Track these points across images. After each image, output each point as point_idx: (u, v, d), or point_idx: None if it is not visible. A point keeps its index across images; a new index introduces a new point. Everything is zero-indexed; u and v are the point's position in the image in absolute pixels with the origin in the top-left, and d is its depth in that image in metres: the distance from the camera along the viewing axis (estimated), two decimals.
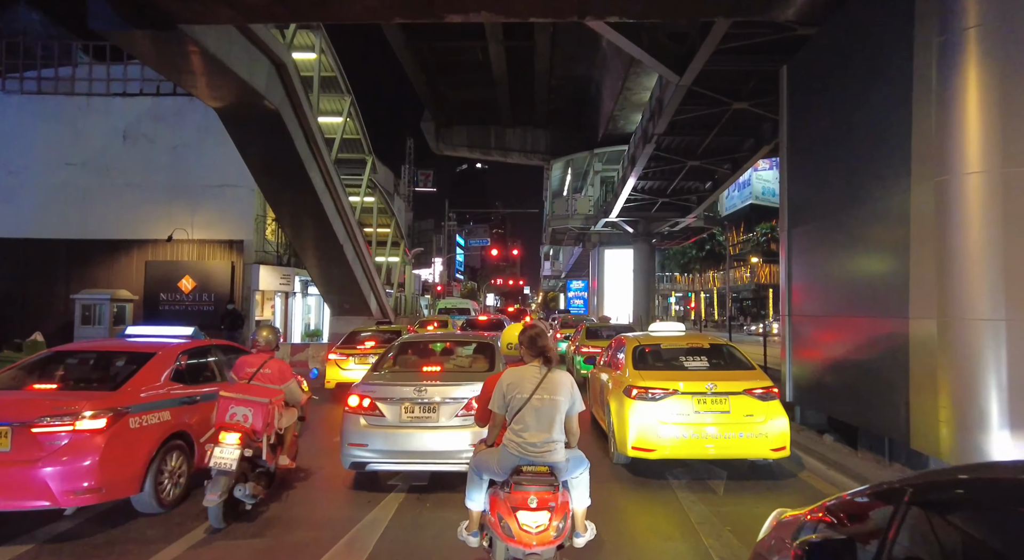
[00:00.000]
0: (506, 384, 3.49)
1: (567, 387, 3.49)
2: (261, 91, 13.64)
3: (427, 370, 6.30)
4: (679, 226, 29.54)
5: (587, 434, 8.32)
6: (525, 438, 3.38)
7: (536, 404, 3.40)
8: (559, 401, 3.43)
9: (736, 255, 64.51)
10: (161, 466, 5.11)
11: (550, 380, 3.46)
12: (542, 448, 3.38)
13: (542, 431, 3.39)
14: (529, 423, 3.39)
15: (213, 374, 6.25)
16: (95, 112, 21.72)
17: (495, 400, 3.53)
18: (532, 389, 3.41)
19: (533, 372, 3.48)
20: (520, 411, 3.41)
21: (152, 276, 21.12)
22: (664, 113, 16.41)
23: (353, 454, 5.45)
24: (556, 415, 3.42)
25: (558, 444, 3.44)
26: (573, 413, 3.54)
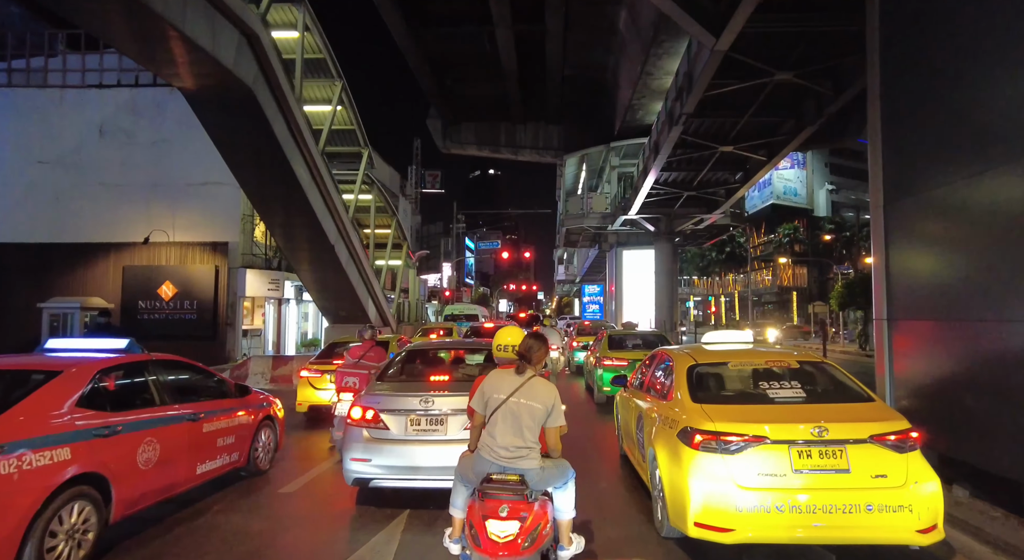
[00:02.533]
0: (488, 384, 3.49)
1: (548, 396, 3.43)
2: (228, 66, 11.78)
3: (434, 380, 5.91)
4: (704, 224, 27.31)
5: (616, 478, 6.28)
6: (497, 441, 3.35)
7: (512, 407, 3.37)
8: (536, 407, 3.38)
9: (757, 257, 62.11)
10: (52, 525, 3.75)
11: (532, 385, 3.42)
12: (513, 454, 3.33)
13: (515, 435, 3.34)
14: (502, 425, 3.36)
15: (152, 397, 4.78)
16: (69, 105, 20.11)
17: (476, 399, 3.50)
18: (511, 391, 3.39)
19: (515, 376, 3.46)
20: (495, 412, 3.38)
21: (130, 282, 19.39)
22: (694, 89, 14.31)
23: (356, 469, 5.09)
24: (531, 420, 3.37)
25: (531, 451, 3.36)
26: (550, 425, 3.45)
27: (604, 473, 6.68)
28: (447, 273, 45.70)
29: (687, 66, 15.38)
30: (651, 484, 5.09)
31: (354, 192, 20.14)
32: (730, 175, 22.21)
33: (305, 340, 25.21)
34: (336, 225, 17.43)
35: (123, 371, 4.66)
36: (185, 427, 4.89)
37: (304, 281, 19.64)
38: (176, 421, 4.79)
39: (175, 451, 4.74)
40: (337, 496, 5.76)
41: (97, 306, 18.37)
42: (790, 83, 14.06)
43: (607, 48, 25.32)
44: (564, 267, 65.82)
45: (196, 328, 19.31)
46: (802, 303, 61.26)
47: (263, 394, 6.69)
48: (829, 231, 54.66)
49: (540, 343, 3.56)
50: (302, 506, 5.55)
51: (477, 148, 33.86)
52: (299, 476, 6.38)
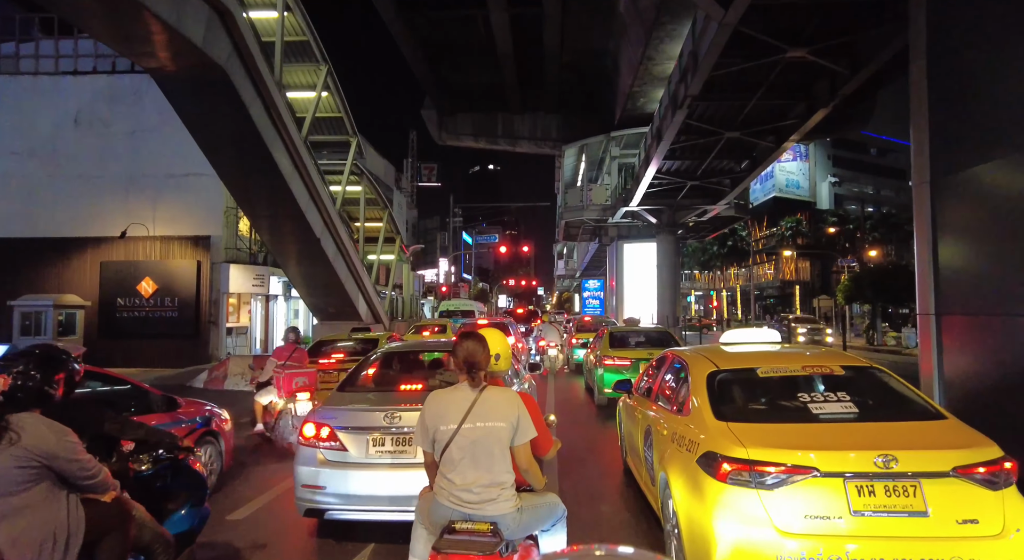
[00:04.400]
0: (428, 413, 2.65)
1: (509, 407, 2.62)
2: (197, 43, 10.86)
3: (405, 389, 5.01)
4: (707, 215, 26.38)
5: (619, 498, 5.43)
6: (456, 483, 2.55)
7: (468, 435, 2.56)
8: (497, 429, 2.57)
9: (759, 250, 61.25)
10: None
11: (484, 402, 2.59)
12: (480, 496, 2.54)
13: (478, 470, 2.55)
14: (458, 463, 2.56)
15: None
16: (43, 93, 19.18)
17: (419, 435, 2.69)
18: (461, 416, 2.57)
19: (462, 394, 2.63)
20: (447, 447, 2.58)
21: (108, 279, 18.51)
22: (700, 68, 13.39)
23: (308, 498, 4.28)
24: (495, 448, 2.57)
25: (503, 489, 2.57)
26: (518, 442, 2.61)
27: (605, 491, 5.81)
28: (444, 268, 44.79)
29: (692, 45, 14.45)
30: (663, 515, 4.22)
31: (342, 183, 19.23)
32: (736, 163, 21.30)
33: None
34: (322, 217, 16.54)
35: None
36: None
37: (290, 276, 18.78)
38: None
39: None
40: (293, 525, 4.90)
41: (71, 303, 17.51)
42: (803, 61, 13.14)
43: (607, 32, 24.37)
44: (564, 262, 64.91)
45: (178, 326, 18.45)
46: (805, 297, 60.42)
47: (205, 405, 5.79)
48: (832, 224, 53.78)
49: (476, 344, 2.68)
50: (247, 538, 4.68)
51: (474, 139, 32.92)
52: (249, 501, 5.50)
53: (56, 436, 2.36)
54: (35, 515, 2.30)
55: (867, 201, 65.03)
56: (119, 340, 17.93)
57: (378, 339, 11.06)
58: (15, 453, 2.26)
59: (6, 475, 2.25)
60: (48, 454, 2.32)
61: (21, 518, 2.27)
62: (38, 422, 2.36)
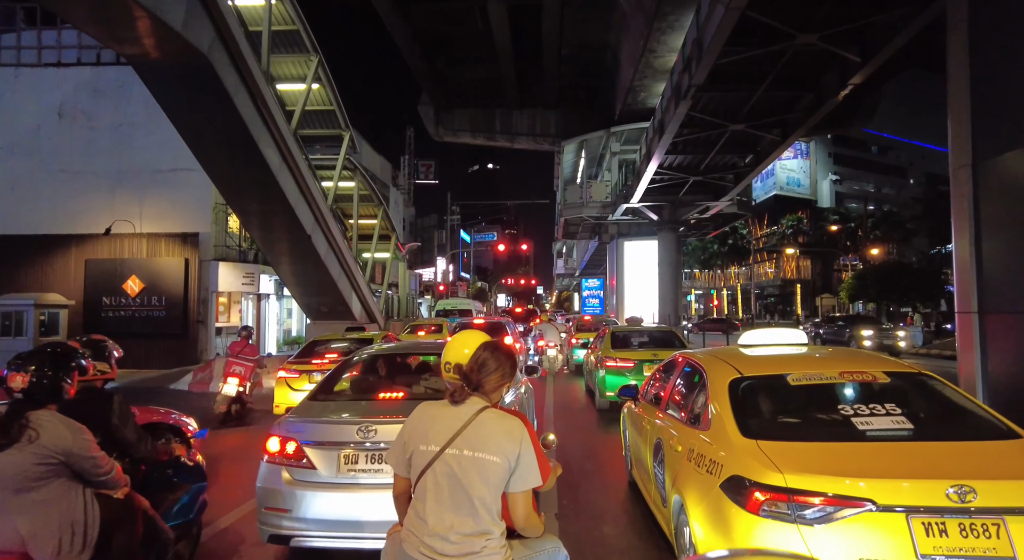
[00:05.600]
0: (409, 428, 2.13)
1: (510, 440, 2.01)
2: (177, 28, 10.28)
3: (384, 398, 4.38)
4: (709, 212, 25.84)
5: (624, 518, 4.91)
6: (429, 524, 1.98)
7: (450, 464, 1.99)
8: (488, 463, 1.98)
9: (759, 249, 60.79)
10: None
11: (479, 426, 2.02)
12: (459, 547, 1.95)
13: (458, 514, 1.97)
14: (434, 498, 2.00)
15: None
16: (24, 86, 18.61)
17: (393, 453, 2.16)
18: (448, 437, 2.01)
19: (453, 411, 2.07)
20: (423, 475, 2.03)
21: (93, 277, 17.95)
22: (705, 56, 12.85)
23: (272, 523, 3.72)
24: (483, 488, 1.97)
25: (488, 541, 1.97)
26: (515, 488, 2.02)
27: (608, 509, 5.26)
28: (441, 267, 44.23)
29: (696, 33, 13.89)
30: (676, 544, 3.67)
31: (334, 178, 18.67)
32: (739, 158, 20.78)
33: (288, 338, 23.81)
34: (313, 213, 15.98)
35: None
36: None
37: (281, 274, 18.23)
38: None
39: None
40: (257, 552, 4.33)
41: (54, 303, 16.95)
42: (811, 50, 12.61)
43: (606, 25, 23.83)
44: (563, 261, 64.36)
45: (165, 326, 17.90)
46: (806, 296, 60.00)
47: (169, 414, 5.22)
48: (834, 222, 53.33)
49: (497, 360, 2.15)
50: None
51: (471, 135, 32.37)
52: (209, 524, 4.90)
53: (72, 433, 2.48)
54: (54, 509, 2.43)
55: (868, 199, 64.62)
56: None
57: (373, 339, 10.60)
58: (35, 450, 2.38)
59: (26, 471, 2.37)
60: (65, 451, 2.44)
61: (41, 511, 2.41)
62: (55, 419, 2.48)
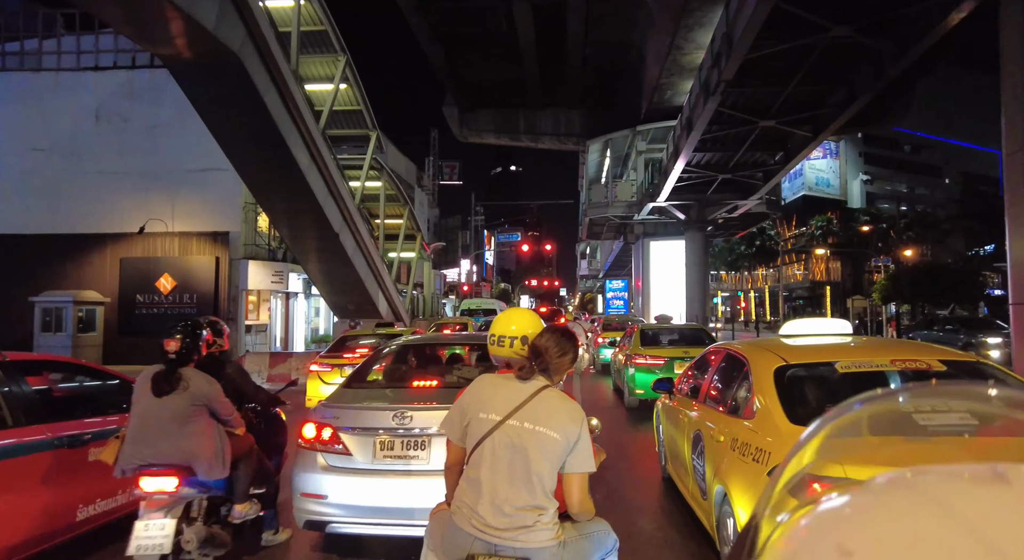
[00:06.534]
0: (469, 396, 2.17)
1: (571, 420, 2.03)
2: (210, 28, 10.49)
3: (417, 386, 4.44)
4: (738, 211, 25.44)
5: (660, 513, 4.83)
6: (484, 497, 1.97)
7: (511, 435, 2.00)
8: (549, 439, 1.99)
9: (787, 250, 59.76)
10: None
11: (543, 401, 2.04)
12: (512, 520, 1.94)
13: (513, 487, 1.97)
14: (488, 470, 1.99)
15: (3, 416, 3.35)
16: (64, 89, 19.14)
17: (449, 420, 2.19)
18: (509, 409, 2.03)
19: (516, 385, 2.09)
20: (480, 445, 2.03)
21: (127, 275, 18.36)
22: (735, 51, 12.65)
23: (308, 509, 3.74)
24: (542, 461, 1.98)
25: (543, 515, 1.97)
26: (571, 469, 2.02)
27: (643, 504, 5.17)
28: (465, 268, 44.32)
29: (726, 27, 13.69)
30: (718, 536, 3.57)
31: (361, 178, 18.83)
32: (769, 156, 20.42)
33: (316, 336, 24.05)
34: (341, 212, 16.15)
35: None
36: (55, 457, 3.49)
37: (309, 273, 18.45)
38: (36, 450, 3.39)
39: (37, 492, 3.35)
40: (292, 539, 4.34)
41: (91, 300, 17.38)
42: (845, 43, 12.33)
43: (632, 22, 23.61)
44: (587, 262, 64.04)
45: None
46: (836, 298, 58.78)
47: None
48: (865, 223, 52.15)
49: (566, 343, 2.19)
50: (241, 552, 4.13)
51: (495, 136, 32.36)
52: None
53: (209, 385, 3.44)
54: (203, 437, 3.38)
55: (901, 199, 63.09)
56: (138, 337, 17.72)
57: (402, 334, 10.72)
58: (187, 396, 3.34)
59: (184, 410, 3.33)
60: (206, 397, 3.41)
61: (196, 438, 3.34)
62: (198, 375, 3.43)
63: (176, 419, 3.30)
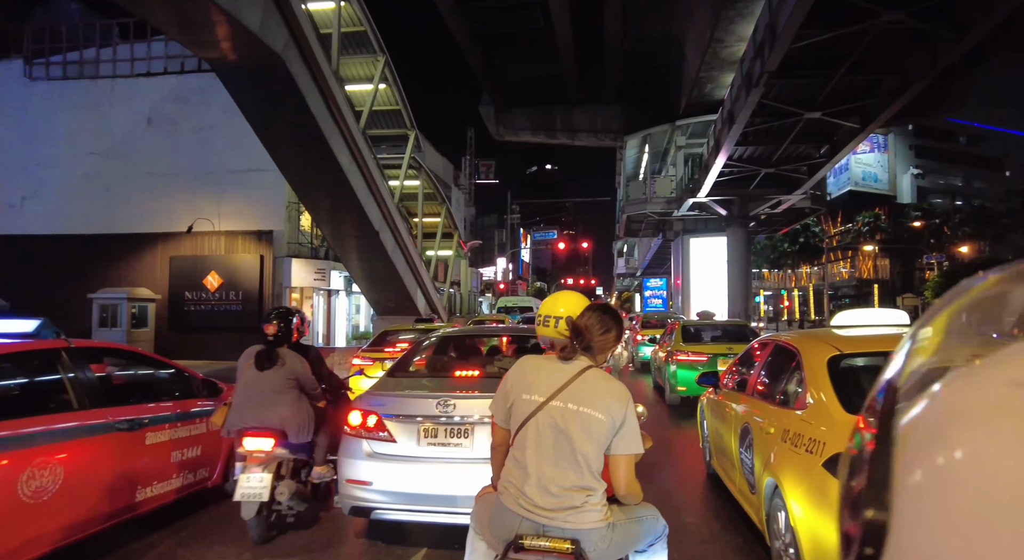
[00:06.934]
0: (512, 378, 2.14)
1: (616, 400, 2.00)
2: (254, 30, 10.76)
3: (460, 375, 4.52)
4: (781, 207, 24.78)
5: (705, 508, 4.75)
6: (531, 478, 1.95)
7: (555, 416, 1.98)
8: (593, 419, 1.96)
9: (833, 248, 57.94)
10: None
11: (587, 381, 2.01)
12: (560, 500, 1.92)
13: (559, 468, 1.94)
14: (533, 452, 1.98)
15: (66, 399, 3.48)
16: (119, 95, 19.96)
17: (496, 402, 2.17)
18: (553, 390, 2.01)
19: (558, 366, 2.07)
20: (524, 425, 2.01)
21: (176, 273, 19.02)
22: (779, 41, 12.32)
23: (353, 495, 3.80)
24: (587, 442, 1.95)
25: (590, 496, 1.95)
26: (617, 450, 2.00)
27: (687, 500, 5.08)
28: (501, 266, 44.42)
29: (769, 17, 13.34)
30: (768, 529, 3.47)
31: (400, 177, 19.06)
32: (814, 149, 19.83)
33: (356, 333, 24.47)
34: (381, 210, 16.37)
35: (11, 364, 3.46)
36: (115, 440, 3.63)
37: (350, 270, 18.77)
38: (100, 431, 3.52)
39: (99, 473, 3.49)
40: (337, 525, 4.42)
41: (143, 297, 18.07)
42: (896, 29, 11.86)
43: (670, 16, 23.25)
44: (624, 260, 63.40)
45: (241, 319, 18.71)
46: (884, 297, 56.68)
47: None
48: (916, 218, 50.13)
49: (609, 320, 2.15)
50: (287, 537, 4.22)
51: (531, 133, 32.34)
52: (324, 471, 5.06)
53: (300, 363, 4.10)
54: (294, 406, 3.97)
55: (955, 193, 60.44)
56: (186, 333, 18.38)
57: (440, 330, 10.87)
58: (284, 371, 3.98)
59: (281, 383, 3.96)
60: (298, 373, 4.04)
61: (290, 407, 3.95)
62: (290, 353, 4.08)
63: (274, 390, 3.93)
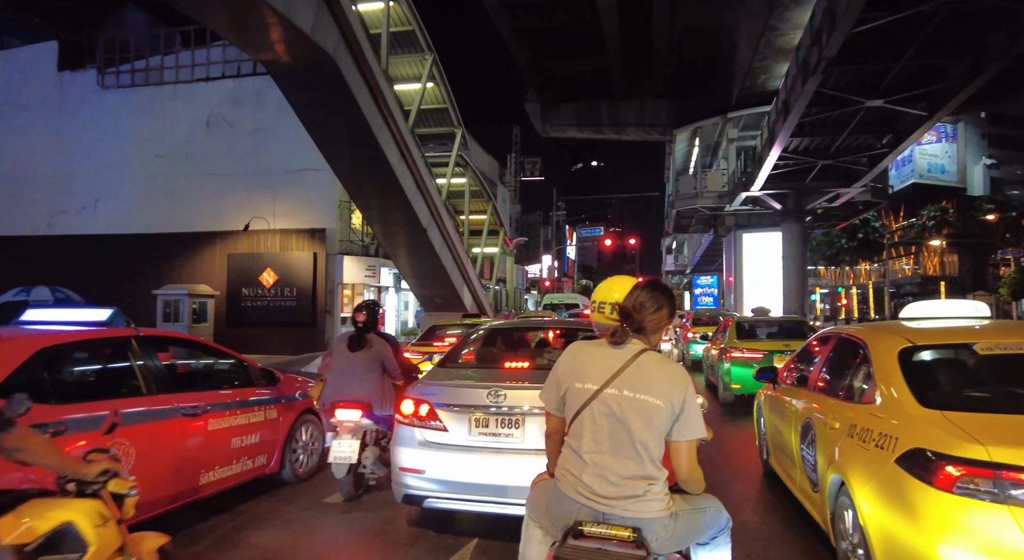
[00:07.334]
0: (563, 365, 2.06)
1: (675, 384, 1.90)
2: (306, 31, 11.06)
3: (509, 367, 4.47)
4: (839, 200, 23.74)
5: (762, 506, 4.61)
6: (588, 466, 1.90)
7: (610, 404, 1.90)
8: (652, 406, 1.87)
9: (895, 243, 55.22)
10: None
11: (642, 366, 1.92)
12: (620, 489, 1.86)
13: (618, 456, 1.88)
14: (590, 441, 1.92)
15: (135, 385, 3.64)
16: (181, 100, 20.86)
17: (547, 390, 2.10)
18: (607, 376, 1.92)
19: (612, 352, 1.97)
20: (579, 414, 1.95)
21: (234, 270, 19.75)
22: (839, 25, 11.79)
23: (406, 483, 3.86)
24: (646, 429, 1.87)
25: (652, 485, 1.88)
26: (679, 438, 1.90)
27: (745, 498, 4.90)
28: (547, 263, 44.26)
29: (827, 2, 12.78)
30: (833, 529, 3.31)
31: (447, 175, 19.22)
32: (875, 139, 18.91)
33: (405, 329, 24.86)
34: (428, 208, 16.57)
35: (87, 350, 3.60)
36: (180, 424, 3.76)
37: (399, 267, 19.09)
38: (166, 416, 3.66)
39: (165, 456, 3.63)
40: (390, 513, 4.47)
41: (203, 293, 18.82)
42: (971, 8, 11.16)
43: (721, 5, 22.63)
44: (673, 257, 62.14)
45: (295, 315, 19.30)
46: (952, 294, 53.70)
47: (308, 382, 5.56)
48: (989, 211, 47.25)
49: (661, 297, 2.04)
50: (342, 523, 4.30)
51: (578, 129, 32.07)
52: None
53: (384, 346, 4.79)
54: (378, 384, 4.66)
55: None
56: (243, 328, 19.05)
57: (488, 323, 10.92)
58: (371, 354, 4.69)
59: (368, 363, 4.66)
60: (383, 355, 4.74)
61: (374, 384, 4.63)
62: (377, 338, 4.81)
63: (362, 369, 4.62)
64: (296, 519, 4.35)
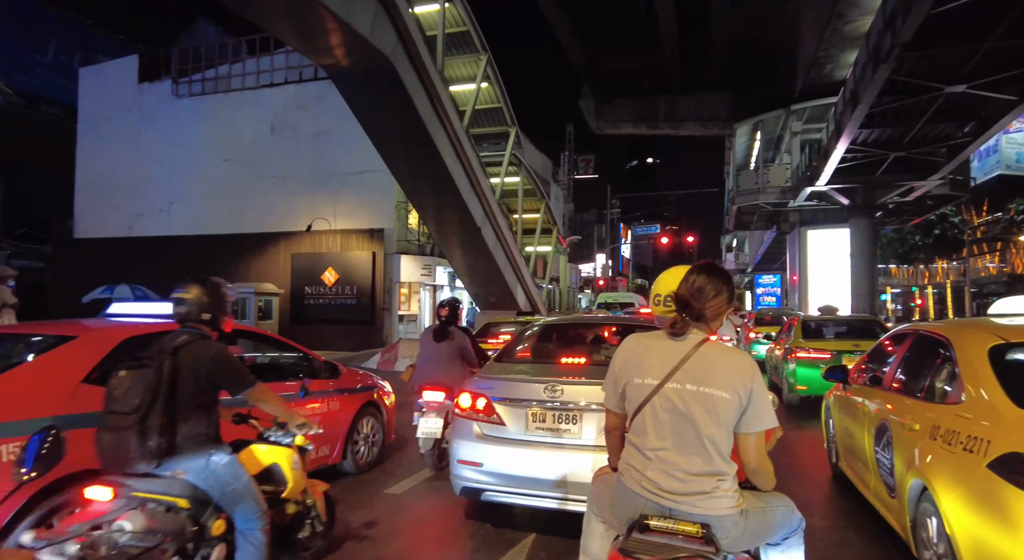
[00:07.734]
0: (620, 359, 1.99)
1: (740, 374, 1.81)
2: (365, 34, 11.33)
3: (566, 362, 4.46)
4: (913, 194, 22.40)
5: (833, 511, 4.42)
6: (652, 462, 1.83)
7: (672, 399, 1.82)
8: (717, 399, 1.79)
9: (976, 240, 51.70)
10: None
11: (703, 358, 1.83)
12: (688, 485, 1.79)
13: (683, 454, 1.81)
14: (654, 438, 1.84)
15: None
16: (246, 106, 21.77)
17: (607, 386, 2.04)
18: (668, 370, 1.84)
19: (671, 344, 1.89)
20: (641, 409, 1.88)
21: (297, 269, 20.47)
22: (916, 6, 11.14)
23: (464, 475, 3.88)
24: (712, 426, 1.79)
25: (721, 481, 1.80)
26: (747, 430, 1.82)
27: (814, 502, 4.69)
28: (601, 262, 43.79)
29: None
30: (913, 536, 3.11)
31: (500, 174, 19.29)
32: (955, 128, 17.73)
33: None
34: (482, 207, 16.68)
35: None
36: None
37: (453, 266, 19.30)
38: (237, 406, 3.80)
39: None
40: (449, 506, 4.51)
41: (268, 291, 19.58)
42: None
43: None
44: (733, 255, 60.26)
45: (355, 313, 19.81)
46: None
47: (369, 376, 5.69)
48: None
49: (719, 281, 1.95)
50: (402, 514, 4.37)
51: (633, 126, 31.62)
52: (407, 477, 5.24)
53: (464, 338, 5.42)
54: (459, 370, 5.22)
55: None
56: (306, 325, 19.71)
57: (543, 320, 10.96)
58: (452, 344, 5.32)
59: (449, 353, 5.29)
60: (462, 345, 5.37)
61: (455, 370, 5.23)
62: (458, 330, 5.41)
63: (445, 356, 5.23)
64: (358, 508, 4.44)
